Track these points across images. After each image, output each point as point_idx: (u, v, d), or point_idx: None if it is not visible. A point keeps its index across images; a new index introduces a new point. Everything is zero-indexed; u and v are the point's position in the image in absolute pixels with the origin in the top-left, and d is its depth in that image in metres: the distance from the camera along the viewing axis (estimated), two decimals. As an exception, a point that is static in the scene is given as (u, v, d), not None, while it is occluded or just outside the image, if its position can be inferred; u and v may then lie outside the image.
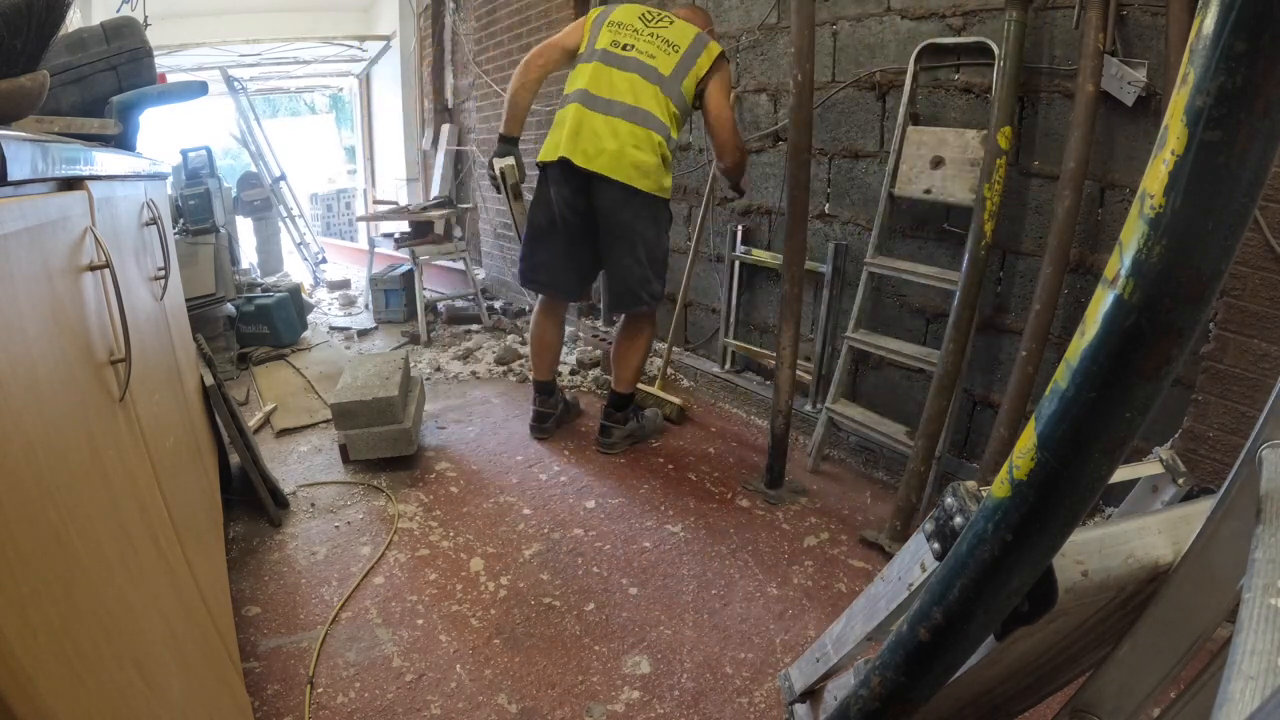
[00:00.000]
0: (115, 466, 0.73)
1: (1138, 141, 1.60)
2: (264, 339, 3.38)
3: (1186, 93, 0.36)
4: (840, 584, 1.67)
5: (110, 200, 0.97)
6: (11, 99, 0.79)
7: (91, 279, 0.78)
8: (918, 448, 1.83)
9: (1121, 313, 0.40)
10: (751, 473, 2.20)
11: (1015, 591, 0.54)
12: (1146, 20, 1.55)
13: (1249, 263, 1.36)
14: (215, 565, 1.32)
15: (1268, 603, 0.39)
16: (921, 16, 1.97)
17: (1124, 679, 0.66)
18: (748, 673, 1.40)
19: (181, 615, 0.87)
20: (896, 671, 0.62)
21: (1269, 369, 1.37)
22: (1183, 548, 0.60)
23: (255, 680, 1.35)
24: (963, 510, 0.63)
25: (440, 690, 1.34)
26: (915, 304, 2.14)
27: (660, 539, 1.85)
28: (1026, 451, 0.46)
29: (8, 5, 0.84)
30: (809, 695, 1.03)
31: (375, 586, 1.65)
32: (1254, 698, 0.34)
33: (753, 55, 2.54)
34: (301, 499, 2.05)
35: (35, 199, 0.64)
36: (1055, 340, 1.73)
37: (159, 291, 1.30)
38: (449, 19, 5.04)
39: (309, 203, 7.93)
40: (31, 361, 0.54)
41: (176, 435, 1.22)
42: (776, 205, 2.55)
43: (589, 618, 1.55)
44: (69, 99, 1.47)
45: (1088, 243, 1.72)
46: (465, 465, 2.27)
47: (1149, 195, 0.38)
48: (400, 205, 4.63)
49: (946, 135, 1.89)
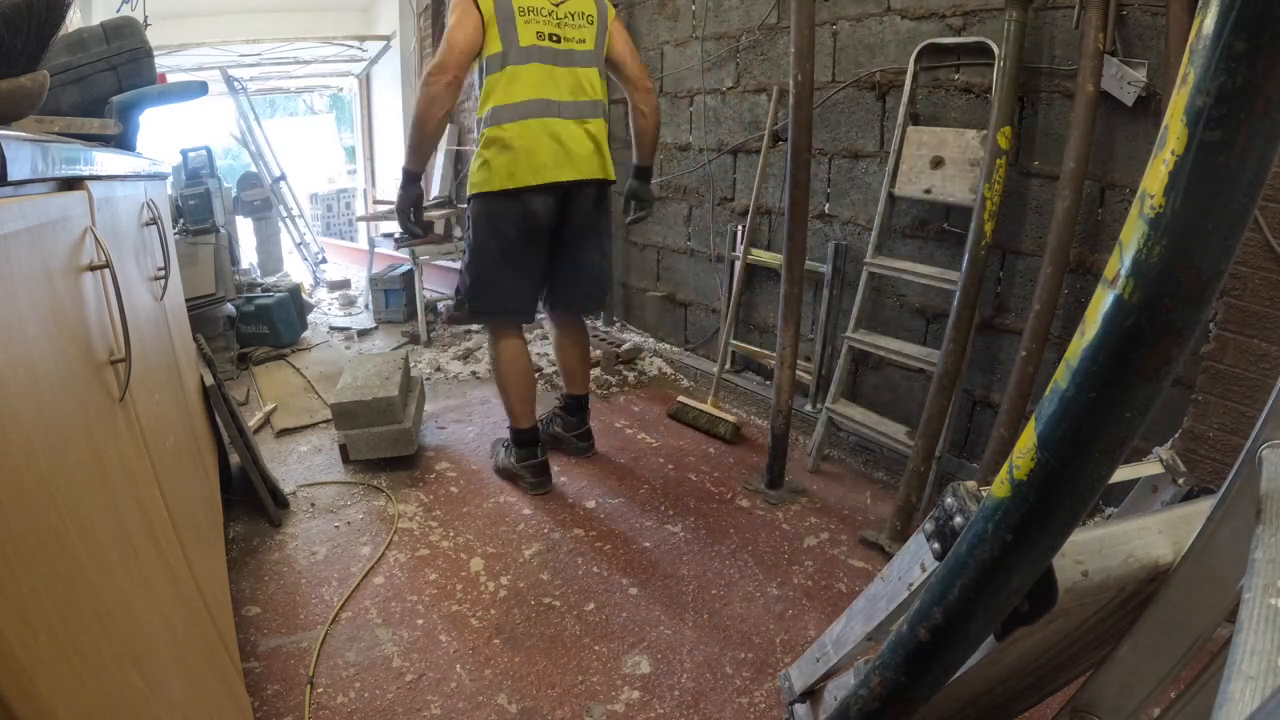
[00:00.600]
0: (115, 466, 0.73)
1: (1138, 141, 1.60)
2: (264, 339, 3.38)
3: (1186, 93, 0.36)
4: (840, 584, 1.67)
5: (110, 200, 0.97)
6: (11, 99, 0.78)
7: (91, 279, 0.78)
8: (918, 448, 1.83)
9: (1121, 313, 0.40)
10: (751, 473, 2.20)
11: (1015, 591, 0.54)
12: (1146, 20, 1.55)
13: (1249, 263, 1.37)
14: (215, 565, 1.32)
15: (1268, 603, 0.39)
16: (921, 16, 1.97)
17: (1124, 679, 0.66)
18: (748, 673, 1.40)
19: (181, 615, 0.87)
20: (896, 671, 0.62)
21: (1269, 369, 1.37)
22: (1183, 548, 0.60)
23: (255, 680, 1.35)
24: (963, 510, 0.63)
25: (440, 690, 1.34)
26: (915, 304, 2.14)
27: (660, 539, 1.85)
28: (1026, 451, 0.46)
29: (8, 5, 0.84)
30: (809, 695, 1.03)
31: (375, 586, 1.65)
32: (1254, 698, 0.34)
33: (753, 55, 2.54)
34: (301, 499, 2.05)
35: (35, 199, 0.64)
36: (1055, 340, 1.73)
37: (159, 291, 1.30)
38: (449, 19, 5.04)
39: (309, 203, 7.93)
40: (31, 361, 0.54)
41: (176, 435, 1.22)
42: (776, 205, 2.55)
43: (589, 618, 1.55)
44: (69, 99, 1.47)
45: (1088, 243, 1.72)
46: (465, 465, 2.27)
47: (1149, 195, 0.38)
48: (400, 205, 4.62)
49: (946, 135, 1.89)
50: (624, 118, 2.95)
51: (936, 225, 2.03)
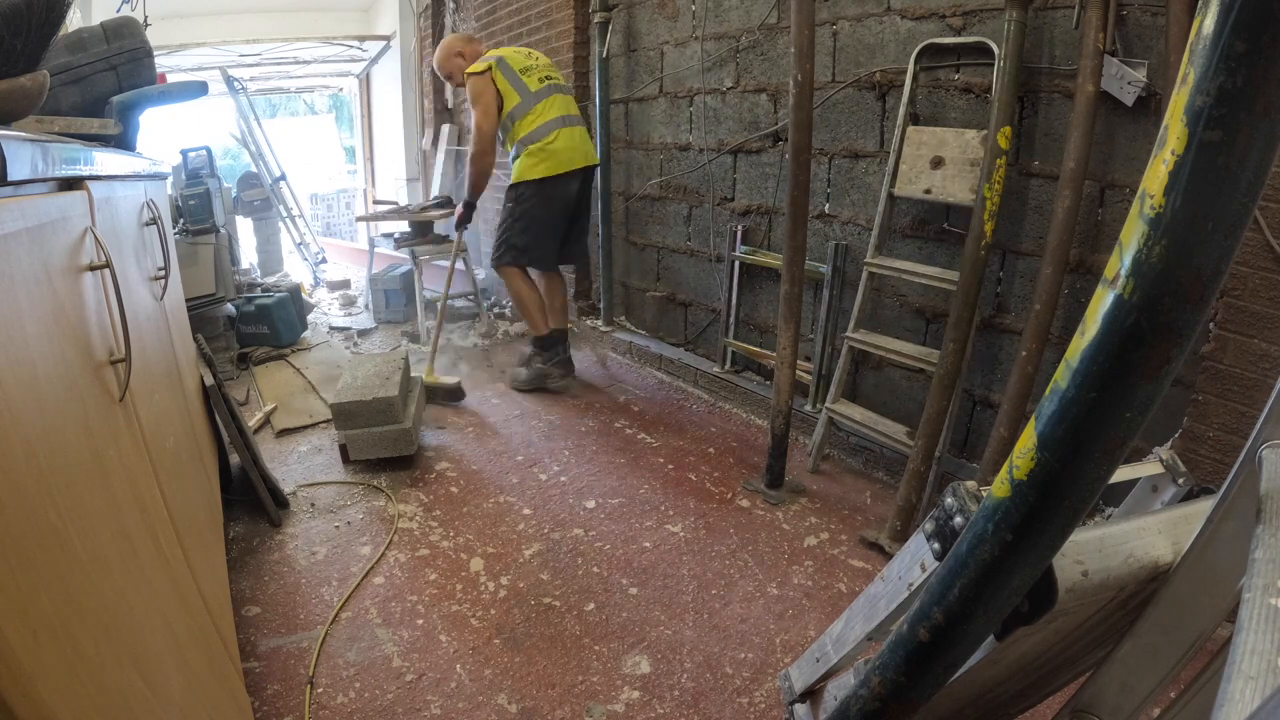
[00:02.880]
0: (115, 466, 0.73)
1: (1138, 141, 1.60)
2: (264, 339, 3.38)
3: (1186, 93, 0.36)
4: (840, 584, 1.67)
5: (110, 200, 0.97)
6: (11, 99, 0.79)
7: (91, 279, 0.78)
8: (918, 448, 1.83)
9: (1121, 313, 0.40)
10: (751, 473, 2.20)
11: (1015, 591, 0.54)
12: (1146, 20, 1.55)
13: (1249, 263, 1.36)
14: (215, 565, 1.32)
15: (1268, 603, 0.39)
16: (921, 16, 1.97)
17: (1124, 679, 0.66)
18: (748, 673, 1.40)
19: (181, 615, 0.87)
20: (896, 671, 0.62)
21: (1269, 369, 1.37)
22: (1183, 548, 0.60)
23: (255, 680, 1.35)
24: (963, 510, 0.63)
25: (440, 690, 1.34)
26: (915, 304, 2.14)
27: (660, 539, 1.85)
28: (1026, 451, 0.46)
29: (8, 5, 0.84)
30: (809, 695, 1.03)
31: (375, 586, 1.65)
32: (1254, 698, 0.34)
33: (753, 55, 2.54)
34: (301, 499, 2.05)
35: (35, 199, 0.64)
36: (1055, 340, 1.73)
37: (159, 291, 1.30)
38: (449, 19, 5.04)
39: (309, 203, 7.93)
40: (31, 361, 0.54)
41: (176, 435, 1.22)
42: (776, 205, 2.55)
43: (589, 618, 1.55)
44: (69, 99, 1.47)
45: (1088, 243, 1.72)
46: (465, 465, 2.27)
47: (1149, 195, 0.38)
48: (400, 205, 4.63)
49: (946, 135, 1.89)
50: (624, 117, 2.99)
51: (936, 225, 2.03)
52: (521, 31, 3.95)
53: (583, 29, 3.44)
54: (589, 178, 2.83)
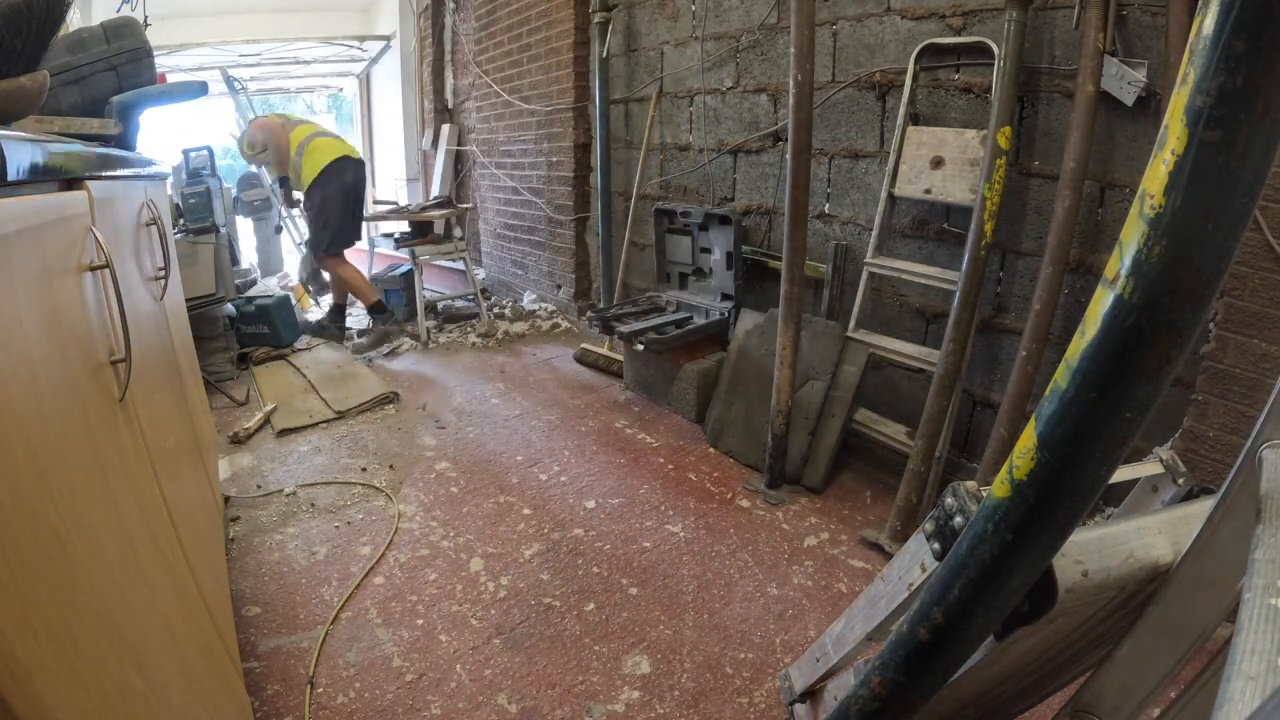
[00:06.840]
0: (115, 466, 0.73)
1: (1138, 141, 1.60)
2: (264, 339, 3.38)
3: (1186, 93, 0.36)
4: (840, 584, 1.67)
5: (110, 200, 0.97)
6: (11, 99, 0.79)
7: (91, 279, 0.77)
8: (918, 448, 1.83)
9: (1121, 313, 0.40)
10: (751, 473, 2.20)
11: (1015, 591, 0.54)
12: (1146, 20, 1.55)
13: (1249, 263, 1.37)
14: (215, 565, 1.32)
15: (1268, 603, 0.39)
16: (921, 16, 1.97)
17: (1124, 679, 0.66)
18: (748, 673, 1.40)
19: (181, 615, 0.87)
20: (896, 671, 0.62)
21: (1269, 369, 1.37)
22: (1183, 548, 0.60)
23: (255, 680, 1.35)
24: (963, 510, 0.63)
25: (440, 690, 1.34)
26: (915, 304, 2.14)
27: (660, 539, 1.85)
28: (1026, 451, 0.46)
29: (8, 5, 0.84)
30: (809, 695, 1.03)
31: (375, 586, 1.65)
32: (1254, 698, 0.34)
33: (753, 55, 2.54)
34: (301, 499, 2.05)
35: (35, 199, 0.64)
36: (1055, 340, 1.73)
37: (159, 291, 1.30)
38: (449, 19, 5.04)
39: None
40: (31, 361, 0.54)
41: (176, 435, 1.22)
42: (776, 205, 2.55)
43: (589, 618, 1.55)
44: (69, 99, 1.47)
45: (1088, 243, 1.72)
46: (465, 465, 2.27)
47: (1149, 195, 0.38)
48: (400, 205, 4.63)
49: (946, 135, 1.89)
50: (623, 117, 2.99)
51: (936, 225, 2.03)
52: (521, 31, 3.95)
53: (583, 29, 3.44)
54: (360, 169, 3.57)
